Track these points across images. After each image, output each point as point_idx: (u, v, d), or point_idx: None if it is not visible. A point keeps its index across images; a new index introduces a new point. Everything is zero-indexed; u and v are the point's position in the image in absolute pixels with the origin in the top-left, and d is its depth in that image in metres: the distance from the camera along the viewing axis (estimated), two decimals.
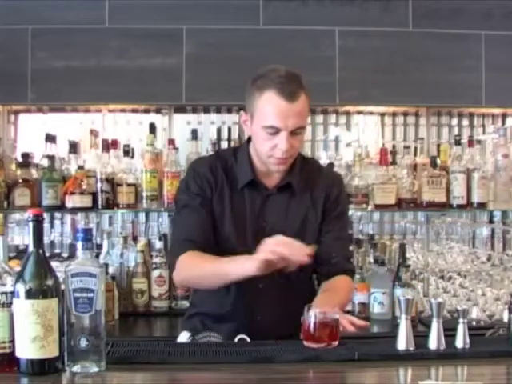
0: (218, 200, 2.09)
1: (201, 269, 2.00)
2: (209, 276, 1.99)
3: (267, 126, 1.96)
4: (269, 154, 2.00)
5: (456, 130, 3.67)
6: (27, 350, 1.50)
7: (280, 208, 2.10)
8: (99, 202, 3.12)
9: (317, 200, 2.13)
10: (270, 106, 1.95)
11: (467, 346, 1.74)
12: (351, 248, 2.68)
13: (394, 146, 3.53)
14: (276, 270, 1.83)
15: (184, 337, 2.13)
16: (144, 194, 3.14)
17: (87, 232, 1.57)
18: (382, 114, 3.65)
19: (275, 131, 1.96)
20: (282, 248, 1.76)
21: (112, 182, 3.14)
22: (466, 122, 3.70)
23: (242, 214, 2.08)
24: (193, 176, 2.12)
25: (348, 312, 2.54)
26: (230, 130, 3.58)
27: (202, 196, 2.08)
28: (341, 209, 2.19)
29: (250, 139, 2.14)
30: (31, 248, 1.54)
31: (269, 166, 2.05)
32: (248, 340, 1.99)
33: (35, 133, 3.40)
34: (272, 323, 2.01)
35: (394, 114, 3.66)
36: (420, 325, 2.73)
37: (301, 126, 1.99)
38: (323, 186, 2.15)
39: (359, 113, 3.65)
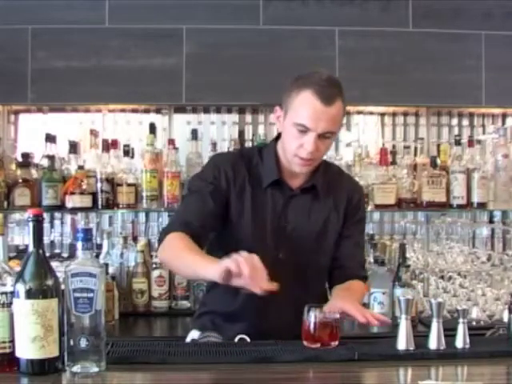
0: (238, 197, 2.07)
1: (177, 256, 1.95)
2: (182, 267, 1.97)
3: (298, 124, 1.96)
4: (294, 152, 2.00)
5: (456, 130, 3.67)
6: (27, 349, 1.50)
7: (302, 209, 2.11)
8: (99, 202, 3.12)
9: (339, 203, 2.15)
10: (304, 105, 1.95)
11: (467, 346, 1.74)
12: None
13: (394, 146, 3.53)
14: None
15: (194, 335, 2.14)
16: (144, 193, 3.13)
17: (87, 232, 1.57)
18: (382, 114, 3.65)
19: (305, 130, 1.96)
20: (247, 267, 1.68)
21: (112, 182, 3.14)
22: (466, 121, 3.70)
23: (263, 213, 2.08)
24: (212, 167, 2.11)
25: None
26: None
27: (215, 186, 2.06)
28: (360, 215, 2.22)
29: (277, 138, 2.15)
30: (31, 248, 1.54)
31: (293, 165, 2.05)
32: (248, 340, 1.99)
33: (35, 133, 3.40)
34: (284, 324, 1.99)
35: (394, 114, 3.66)
36: (420, 325, 2.73)
37: (331, 131, 1.99)
38: (345, 190, 2.18)
39: (359, 113, 3.65)
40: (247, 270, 1.68)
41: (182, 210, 2.13)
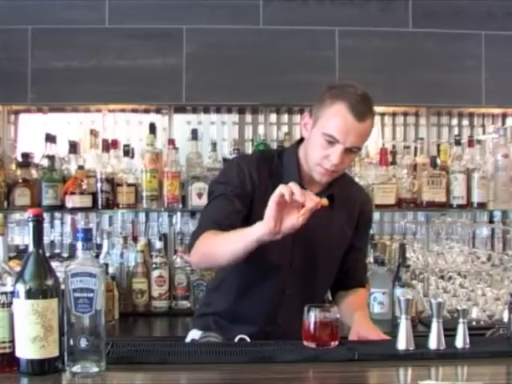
0: (261, 199, 2.02)
1: (215, 243, 1.92)
2: (223, 247, 1.90)
3: (327, 134, 1.95)
4: (318, 161, 2.00)
5: (456, 130, 3.67)
6: (27, 349, 1.50)
7: (320, 216, 2.09)
8: (99, 202, 3.12)
9: (352, 215, 2.19)
10: (337, 116, 1.94)
11: (467, 346, 1.74)
12: None
13: (393, 146, 3.53)
14: (278, 229, 1.77)
15: (195, 335, 2.14)
16: (144, 193, 3.14)
17: (87, 232, 1.57)
18: (382, 114, 3.64)
19: (333, 142, 1.95)
20: (297, 189, 1.73)
21: (112, 182, 3.14)
22: (466, 121, 3.70)
23: None
24: (237, 171, 2.08)
25: None
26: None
27: (241, 190, 2.05)
28: (370, 225, 2.32)
29: (299, 142, 2.14)
30: (31, 248, 1.54)
31: (313, 173, 2.05)
32: (248, 340, 2.00)
33: (35, 133, 3.40)
34: (293, 327, 1.99)
35: (394, 114, 3.66)
36: (420, 325, 2.73)
37: (358, 146, 2.00)
38: (358, 201, 2.22)
39: None
40: (298, 190, 1.72)
41: (209, 212, 2.07)
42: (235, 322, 2.07)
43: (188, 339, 2.16)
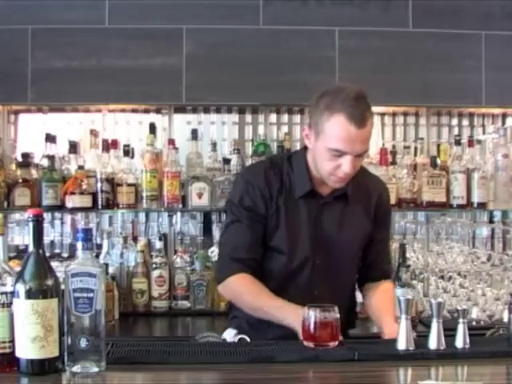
0: (274, 211, 2.11)
1: (248, 302, 2.08)
2: (252, 311, 2.08)
3: (333, 149, 1.97)
4: (331, 172, 2.02)
5: (456, 130, 3.66)
6: (27, 349, 1.50)
7: (335, 215, 2.14)
8: (99, 202, 3.12)
9: (369, 207, 2.19)
10: (338, 131, 1.94)
11: (467, 346, 1.74)
12: None
13: (393, 146, 3.53)
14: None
15: (230, 333, 2.18)
16: (144, 193, 3.13)
17: (87, 232, 1.57)
18: (382, 114, 3.64)
19: (340, 154, 1.97)
20: None
21: (112, 182, 3.14)
22: (466, 122, 3.70)
23: (298, 222, 2.11)
24: (246, 189, 2.12)
25: None
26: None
27: (255, 211, 2.10)
28: (389, 216, 2.30)
29: (306, 147, 2.15)
30: (31, 248, 1.54)
31: (328, 182, 2.07)
32: (248, 340, 2.00)
33: (35, 133, 3.40)
34: None
35: (394, 114, 3.66)
36: (420, 325, 2.74)
37: (366, 150, 2.02)
38: (374, 192, 2.22)
39: None
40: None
41: (228, 245, 2.15)
42: (267, 322, 2.06)
43: (222, 337, 2.21)
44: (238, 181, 2.26)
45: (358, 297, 2.34)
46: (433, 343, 1.73)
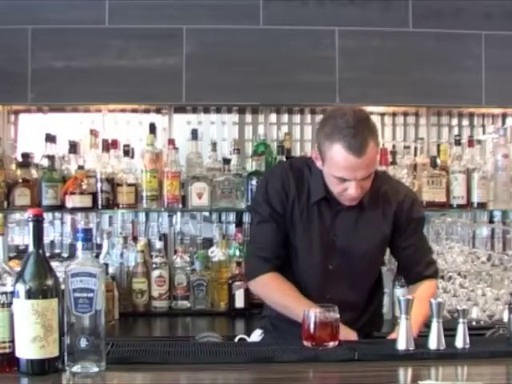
0: (291, 212, 2.15)
1: (275, 299, 2.16)
2: (279, 308, 2.15)
3: (336, 177, 2.00)
4: (339, 194, 2.06)
5: (456, 130, 3.66)
6: (27, 349, 1.50)
7: (350, 223, 2.15)
8: (99, 202, 3.12)
9: (387, 213, 2.18)
10: (339, 160, 1.97)
11: (467, 346, 1.74)
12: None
13: (393, 146, 3.53)
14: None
15: (256, 334, 2.25)
16: (144, 193, 3.13)
17: (87, 232, 1.57)
18: (382, 114, 3.64)
19: (345, 180, 1.99)
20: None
21: (112, 182, 3.14)
22: (466, 122, 3.70)
23: (312, 227, 2.14)
24: (266, 191, 2.18)
25: None
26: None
27: (276, 211, 2.15)
28: (416, 222, 2.24)
29: None
30: (31, 248, 1.54)
31: (339, 200, 2.09)
32: (248, 340, 2.00)
33: (35, 133, 3.40)
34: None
35: (394, 114, 3.66)
36: None
37: (370, 174, 2.02)
38: (393, 199, 2.19)
39: None
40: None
41: (256, 244, 2.21)
42: (290, 322, 2.07)
43: (250, 339, 2.28)
44: (261, 182, 2.34)
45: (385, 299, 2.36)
46: (433, 343, 1.73)
